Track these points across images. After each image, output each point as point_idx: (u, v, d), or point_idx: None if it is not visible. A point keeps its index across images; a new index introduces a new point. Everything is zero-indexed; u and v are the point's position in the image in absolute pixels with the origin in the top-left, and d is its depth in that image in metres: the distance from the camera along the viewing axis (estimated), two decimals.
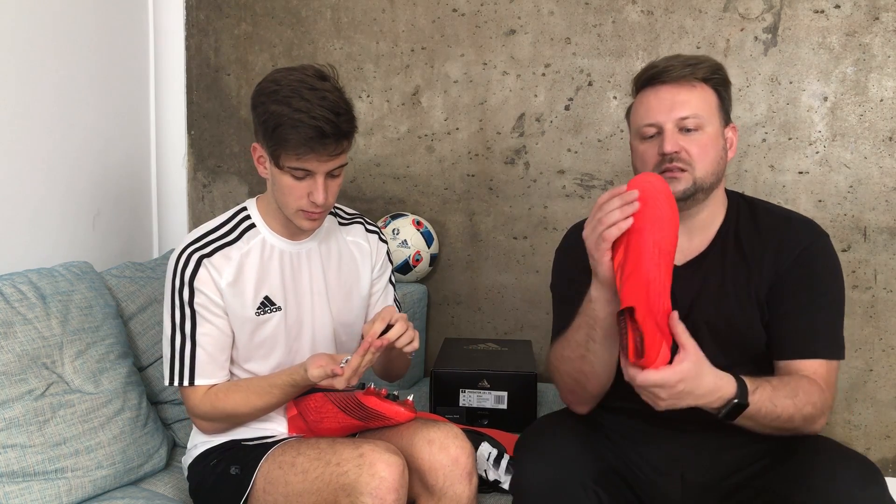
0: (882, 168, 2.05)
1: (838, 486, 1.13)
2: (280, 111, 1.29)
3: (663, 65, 1.33)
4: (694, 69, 1.32)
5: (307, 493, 1.30)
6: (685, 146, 1.30)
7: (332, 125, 1.29)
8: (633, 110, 1.39)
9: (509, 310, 2.28)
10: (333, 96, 1.31)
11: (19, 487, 1.36)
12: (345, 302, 1.53)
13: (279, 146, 1.31)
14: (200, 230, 1.44)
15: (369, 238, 1.58)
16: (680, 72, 1.31)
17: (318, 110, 1.28)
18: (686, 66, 1.32)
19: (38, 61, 1.77)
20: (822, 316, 1.31)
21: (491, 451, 1.58)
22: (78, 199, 1.93)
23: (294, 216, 1.39)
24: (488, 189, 2.25)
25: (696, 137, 1.30)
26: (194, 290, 1.39)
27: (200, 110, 2.36)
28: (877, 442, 2.13)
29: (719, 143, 1.33)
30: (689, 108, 1.30)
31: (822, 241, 1.35)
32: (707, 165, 1.31)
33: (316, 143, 1.29)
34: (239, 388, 1.42)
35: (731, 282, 1.34)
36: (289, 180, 1.34)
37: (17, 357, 1.42)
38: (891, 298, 2.08)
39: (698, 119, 1.30)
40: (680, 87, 1.32)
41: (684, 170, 1.30)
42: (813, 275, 1.31)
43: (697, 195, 1.33)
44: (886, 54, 2.01)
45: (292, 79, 1.32)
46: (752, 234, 1.36)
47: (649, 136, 1.33)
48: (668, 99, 1.32)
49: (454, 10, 2.20)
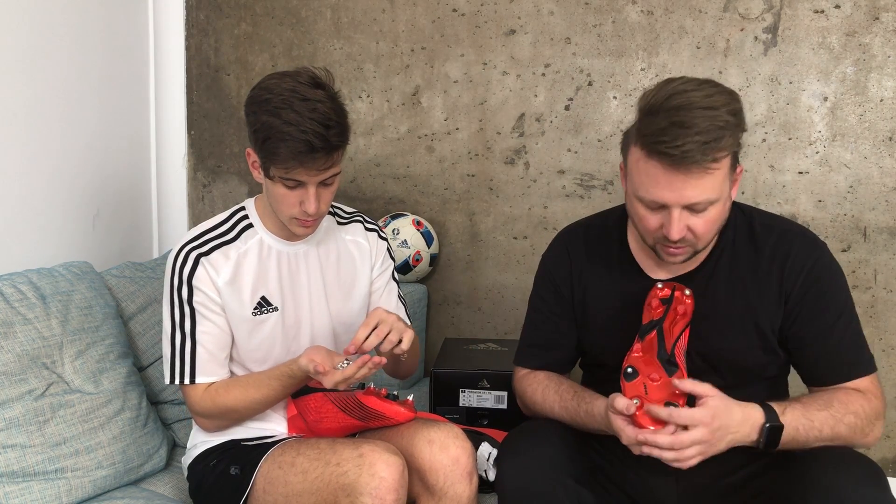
0: (882, 168, 2.05)
1: (840, 486, 1.13)
2: (270, 122, 1.27)
3: (680, 142, 1.13)
4: (714, 152, 1.14)
5: (307, 493, 1.30)
6: (692, 225, 1.20)
7: (321, 139, 1.26)
8: (635, 165, 1.22)
9: (509, 310, 2.28)
10: (325, 107, 1.28)
11: (19, 487, 1.36)
12: (344, 302, 1.53)
13: (268, 158, 1.31)
14: (198, 229, 1.44)
15: (368, 236, 1.58)
16: (699, 159, 1.14)
17: (307, 123, 1.25)
18: (705, 150, 1.13)
19: (38, 61, 1.77)
20: (846, 336, 1.29)
21: (491, 452, 1.58)
22: (78, 199, 1.93)
23: (288, 223, 1.39)
24: (488, 189, 2.25)
25: (704, 215, 1.20)
26: (193, 288, 1.39)
27: (200, 110, 2.36)
28: (877, 442, 2.13)
29: (728, 203, 1.24)
30: (702, 195, 1.17)
31: (823, 255, 1.31)
32: (712, 235, 1.25)
33: (305, 157, 1.28)
34: (238, 383, 1.43)
35: (724, 303, 1.31)
36: (281, 189, 1.34)
37: (17, 357, 1.42)
38: (891, 298, 2.08)
39: (710, 201, 1.19)
40: (693, 177, 1.16)
41: (688, 245, 1.24)
42: (822, 294, 1.28)
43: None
44: (886, 54, 2.01)
45: (284, 87, 1.29)
46: (749, 253, 1.32)
47: (652, 207, 1.22)
48: (679, 185, 1.16)
49: (454, 10, 2.20)
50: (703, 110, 1.14)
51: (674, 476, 1.34)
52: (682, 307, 1.25)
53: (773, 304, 1.29)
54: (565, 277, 1.43)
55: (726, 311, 1.31)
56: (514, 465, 1.26)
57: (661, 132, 1.14)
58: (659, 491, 1.34)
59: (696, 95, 1.15)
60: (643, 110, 1.20)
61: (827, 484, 1.14)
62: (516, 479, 1.24)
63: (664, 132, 1.14)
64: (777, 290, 1.29)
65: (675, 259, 1.26)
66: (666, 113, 1.15)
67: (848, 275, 2.06)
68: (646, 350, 1.24)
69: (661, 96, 1.17)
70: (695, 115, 1.14)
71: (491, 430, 1.73)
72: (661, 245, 1.26)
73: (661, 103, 1.16)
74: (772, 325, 1.30)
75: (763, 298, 1.29)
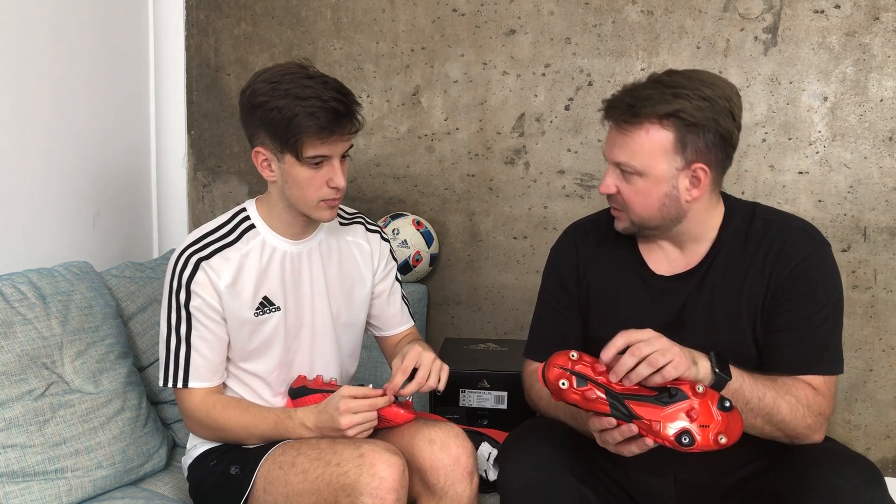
0: (882, 168, 2.05)
1: (838, 487, 1.13)
2: (288, 104, 1.29)
3: (614, 98, 1.26)
4: (636, 109, 1.22)
5: (307, 493, 1.30)
6: (621, 188, 1.29)
7: (343, 104, 1.31)
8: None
9: (509, 310, 2.28)
10: (331, 79, 1.34)
11: (19, 487, 1.36)
12: (345, 302, 1.53)
13: (296, 138, 1.31)
14: (199, 231, 1.44)
15: (370, 238, 1.58)
16: (621, 114, 1.24)
17: (326, 93, 1.30)
18: (628, 106, 1.23)
19: (39, 62, 1.77)
20: (819, 331, 1.28)
21: (491, 452, 1.59)
22: (78, 199, 1.93)
23: (315, 209, 1.39)
24: (488, 189, 2.25)
25: (631, 182, 1.27)
26: (191, 292, 1.39)
27: (200, 110, 2.36)
28: (877, 442, 2.13)
29: (662, 188, 1.26)
30: (624, 155, 1.26)
31: (820, 253, 1.30)
32: (643, 210, 1.29)
33: (335, 125, 1.31)
34: (238, 405, 1.43)
35: (722, 297, 1.31)
36: (306, 172, 1.34)
37: (17, 357, 1.42)
38: (891, 298, 2.08)
39: (632, 166, 1.25)
40: (620, 131, 1.26)
41: (620, 210, 1.31)
42: (809, 288, 1.28)
43: (647, 231, 1.33)
44: (886, 54, 2.01)
45: (284, 73, 1.33)
46: (747, 247, 1.32)
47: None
48: (611, 139, 1.29)
49: (454, 10, 2.20)
50: (668, 77, 1.25)
51: (673, 475, 1.35)
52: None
53: (762, 296, 1.30)
54: (572, 272, 1.45)
55: (722, 305, 1.32)
56: (517, 463, 1.27)
57: (614, 96, 1.27)
58: (658, 490, 1.35)
59: (688, 71, 1.26)
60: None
61: (825, 484, 1.14)
62: (519, 478, 1.25)
63: (615, 95, 1.27)
64: (767, 282, 1.29)
65: (617, 223, 1.34)
66: (624, 88, 1.27)
67: (848, 275, 2.08)
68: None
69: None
70: (658, 79, 1.26)
71: (491, 431, 1.73)
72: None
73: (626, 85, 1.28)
74: (763, 318, 1.30)
75: (755, 292, 1.30)
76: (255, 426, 1.40)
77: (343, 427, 1.30)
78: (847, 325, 2.09)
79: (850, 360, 2.11)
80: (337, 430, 1.32)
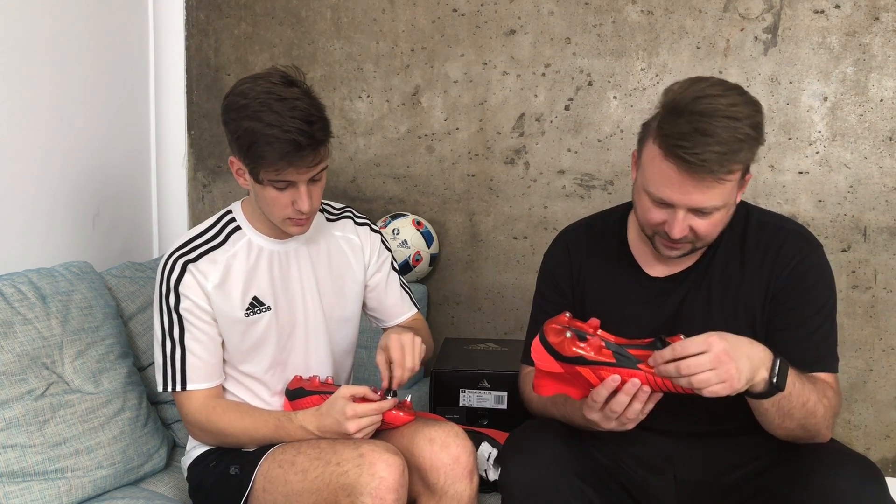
0: (882, 168, 2.05)
1: (839, 486, 1.13)
2: (253, 127, 1.27)
3: (699, 150, 1.13)
4: (730, 164, 1.15)
5: (307, 493, 1.30)
6: (694, 226, 1.22)
7: (306, 136, 1.26)
8: (650, 161, 1.22)
9: (509, 310, 2.28)
10: (304, 104, 1.28)
11: (19, 487, 1.36)
12: (337, 298, 1.53)
13: (256, 163, 1.30)
14: (187, 235, 1.44)
15: (359, 231, 1.57)
16: (714, 169, 1.14)
17: (290, 123, 1.25)
18: (721, 161, 1.14)
19: (39, 61, 1.77)
20: (818, 332, 1.29)
21: (491, 451, 1.58)
22: (77, 199, 1.93)
23: (282, 224, 1.39)
24: (488, 189, 2.25)
25: (708, 218, 1.21)
26: (180, 295, 1.39)
27: (200, 110, 2.36)
28: (877, 442, 2.13)
29: (732, 208, 1.25)
30: (709, 202, 1.19)
31: (816, 253, 1.31)
32: (713, 236, 1.26)
33: (293, 157, 1.27)
34: (238, 409, 1.43)
35: (719, 297, 1.32)
36: (271, 192, 1.34)
37: (17, 357, 1.42)
38: (891, 298, 2.08)
39: (716, 207, 1.20)
40: (705, 184, 1.16)
41: (686, 242, 1.25)
42: (807, 290, 1.29)
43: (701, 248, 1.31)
44: (886, 54, 2.01)
45: (259, 90, 1.28)
46: (743, 249, 1.33)
47: (658, 203, 1.23)
48: (689, 189, 1.17)
49: (454, 10, 2.20)
50: (726, 119, 1.13)
51: (673, 474, 1.35)
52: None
53: (761, 297, 1.30)
54: (565, 275, 1.45)
55: (720, 306, 1.32)
56: (518, 462, 1.27)
57: (681, 136, 1.14)
58: (659, 489, 1.35)
59: (722, 103, 1.14)
60: (667, 106, 1.19)
61: (825, 483, 1.14)
62: (521, 477, 1.25)
63: (685, 137, 1.14)
64: (766, 284, 1.30)
65: (670, 254, 1.28)
66: (689, 116, 1.14)
67: (848, 275, 2.08)
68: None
69: (686, 96, 1.17)
70: (717, 123, 1.13)
71: (491, 431, 1.73)
72: (659, 238, 1.27)
73: (687, 105, 1.15)
74: (762, 319, 1.31)
75: (753, 293, 1.31)
76: (255, 430, 1.40)
77: (351, 432, 1.31)
78: (847, 325, 2.10)
79: (850, 360, 2.11)
80: (342, 434, 1.32)
